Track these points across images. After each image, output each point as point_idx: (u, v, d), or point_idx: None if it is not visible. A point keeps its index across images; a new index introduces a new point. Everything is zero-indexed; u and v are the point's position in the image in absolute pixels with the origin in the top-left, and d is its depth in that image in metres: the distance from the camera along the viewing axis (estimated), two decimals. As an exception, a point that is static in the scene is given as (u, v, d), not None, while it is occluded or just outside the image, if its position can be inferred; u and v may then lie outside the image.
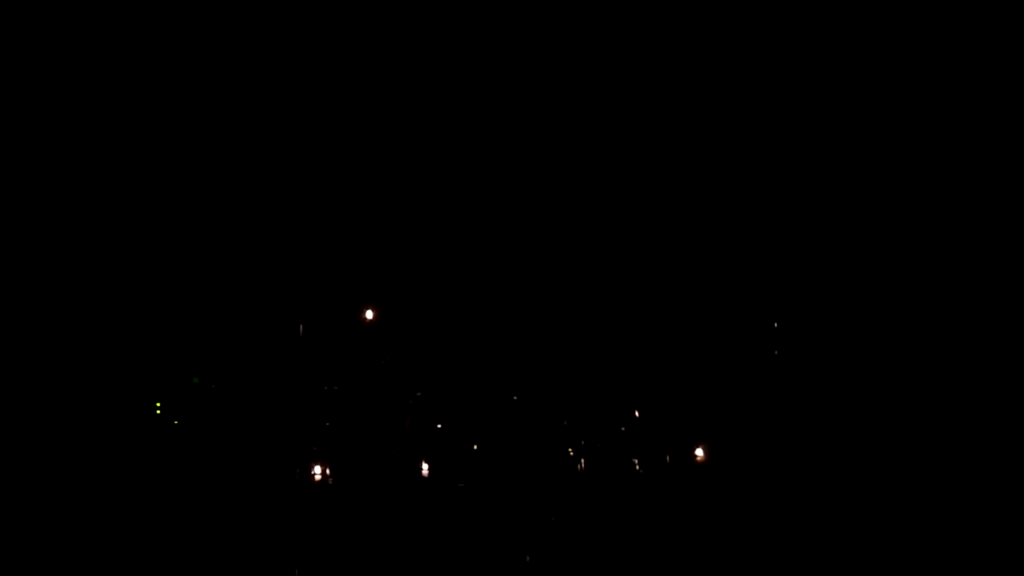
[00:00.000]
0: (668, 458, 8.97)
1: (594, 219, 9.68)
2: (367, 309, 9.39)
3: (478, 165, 9.62)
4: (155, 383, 8.79)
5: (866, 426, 8.91)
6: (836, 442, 8.92)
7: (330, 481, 8.88)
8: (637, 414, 9.05)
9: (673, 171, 9.54)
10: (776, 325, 9.04)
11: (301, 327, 9.07)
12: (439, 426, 9.06)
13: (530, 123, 9.51)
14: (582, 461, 8.99)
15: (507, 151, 9.57)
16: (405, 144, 9.52)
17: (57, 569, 7.91)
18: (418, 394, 9.10)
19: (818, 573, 7.99)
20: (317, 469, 8.89)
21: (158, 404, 8.78)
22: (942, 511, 8.23)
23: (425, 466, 8.99)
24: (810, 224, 9.28)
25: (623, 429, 9.04)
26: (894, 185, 9.05)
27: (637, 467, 8.92)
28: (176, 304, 9.07)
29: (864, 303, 9.09)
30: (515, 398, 9.16)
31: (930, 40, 8.67)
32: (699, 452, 9.13)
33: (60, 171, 8.85)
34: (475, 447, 9.03)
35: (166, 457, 8.73)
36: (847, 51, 8.94)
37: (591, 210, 9.68)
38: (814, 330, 9.22)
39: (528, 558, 8.40)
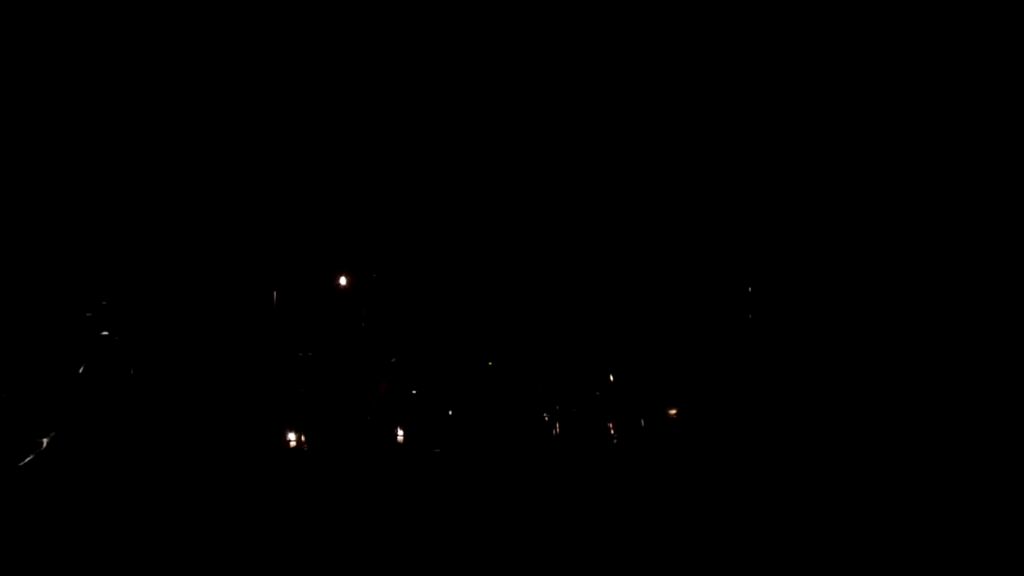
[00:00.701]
0: (642, 422, 9.00)
1: (569, 187, 9.69)
2: (341, 275, 9.39)
3: (452, 132, 9.61)
4: (129, 348, 8.78)
5: (836, 383, 8.95)
6: (807, 404, 8.96)
7: (305, 447, 8.89)
8: (611, 378, 9.08)
9: (643, 142, 9.56)
10: (749, 289, 9.07)
11: (275, 294, 9.07)
12: (414, 392, 9.07)
13: (505, 95, 9.51)
14: (557, 425, 9.02)
15: (482, 122, 9.57)
16: (378, 113, 9.52)
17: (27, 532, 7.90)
18: (393, 360, 9.11)
19: (791, 535, 8.01)
20: (292, 435, 8.90)
21: (131, 369, 8.78)
22: (915, 477, 8.27)
23: (400, 432, 9.00)
24: (778, 191, 9.31)
25: (597, 393, 9.06)
26: (878, 170, 9.08)
27: (611, 431, 8.95)
28: (150, 273, 9.06)
29: (832, 263, 9.12)
30: (490, 364, 9.18)
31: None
32: (672, 414, 9.17)
33: (40, 147, 8.83)
34: (450, 412, 9.05)
35: (141, 422, 8.72)
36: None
37: (566, 179, 9.69)
38: (785, 296, 9.25)
39: (504, 522, 8.42)
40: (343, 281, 9.36)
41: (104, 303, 7.25)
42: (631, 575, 7.75)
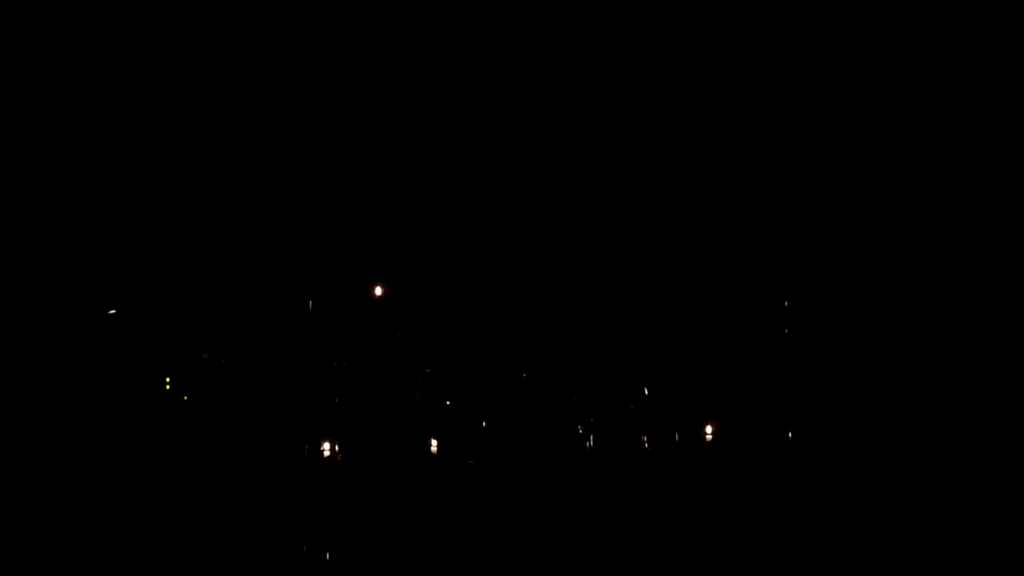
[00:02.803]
0: (676, 436, 8.94)
1: (605, 197, 9.64)
2: (377, 286, 9.39)
3: (488, 144, 9.58)
4: (165, 358, 8.83)
5: (872, 403, 8.86)
6: (843, 423, 8.88)
7: (339, 457, 8.90)
8: (646, 391, 9.02)
9: (681, 151, 9.48)
10: (786, 304, 8.99)
11: (311, 303, 9.08)
12: (448, 403, 9.06)
13: (539, 101, 9.48)
14: (591, 438, 8.98)
15: (517, 132, 9.53)
16: (414, 124, 9.50)
17: (67, 540, 7.96)
18: (427, 370, 9.10)
19: (822, 551, 7.94)
20: (326, 445, 8.91)
21: (168, 379, 8.82)
22: (950, 488, 8.18)
23: (434, 442, 9.00)
24: (816, 208, 9.22)
25: (632, 407, 9.01)
26: (891, 170, 8.99)
27: (645, 444, 8.90)
28: (187, 281, 9.10)
29: (870, 288, 9.03)
30: (524, 375, 9.15)
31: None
32: (707, 430, 9.10)
33: (66, 149, 8.87)
34: (484, 424, 9.03)
35: (176, 432, 8.77)
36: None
37: (602, 188, 9.63)
38: (822, 310, 9.16)
39: (536, 530, 8.40)
40: (378, 291, 9.36)
41: (140, 309, 7.29)
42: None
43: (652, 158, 9.61)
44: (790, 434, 8.81)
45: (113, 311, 5.79)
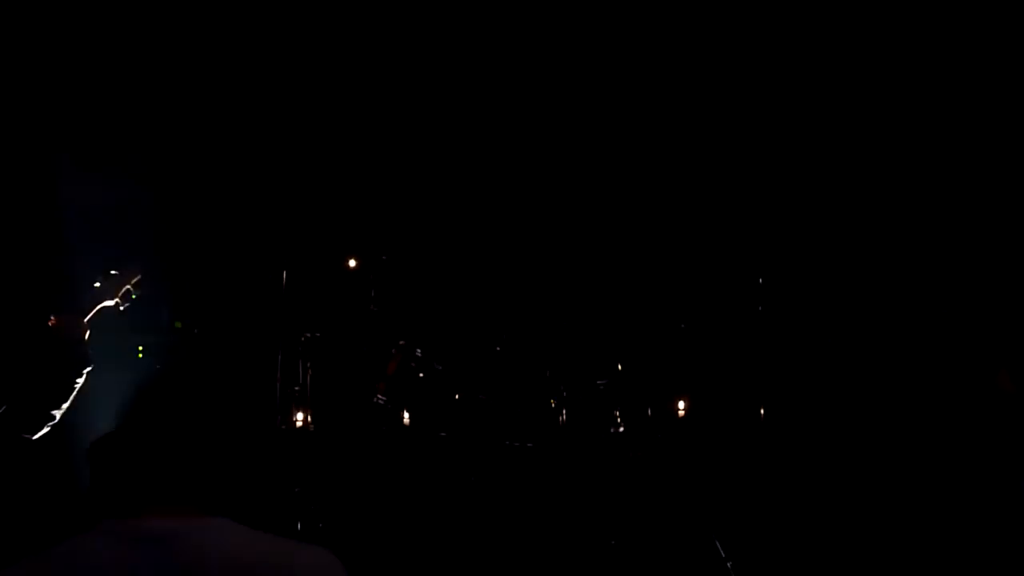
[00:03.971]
0: (649, 411, 8.98)
1: (581, 170, 9.65)
2: (351, 257, 9.37)
3: (464, 114, 9.56)
4: (136, 326, 8.77)
5: (853, 378, 8.93)
6: (821, 399, 8.95)
7: (311, 428, 8.89)
8: (619, 367, 9.05)
9: (659, 130, 9.50)
10: (760, 280, 9.03)
11: (284, 273, 9.04)
12: (421, 375, 9.06)
13: (515, 75, 9.45)
14: (564, 412, 9.00)
15: (493, 103, 9.51)
16: (388, 94, 9.47)
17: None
18: (401, 342, 9.08)
19: (803, 527, 8.02)
20: (299, 415, 8.90)
21: (140, 348, 8.77)
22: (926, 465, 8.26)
23: (406, 414, 9.00)
24: (791, 186, 9.27)
25: (605, 381, 9.04)
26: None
27: (618, 419, 8.93)
28: (158, 247, 9.04)
29: (847, 265, 9.08)
30: (498, 348, 9.16)
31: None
32: (680, 405, 9.16)
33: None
34: (457, 396, 9.03)
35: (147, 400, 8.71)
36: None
37: (579, 161, 9.64)
38: (797, 287, 9.22)
39: (507, 505, 8.44)
40: (352, 263, 9.34)
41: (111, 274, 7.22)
42: (635, 567, 7.77)
43: (629, 135, 9.62)
44: (762, 411, 8.86)
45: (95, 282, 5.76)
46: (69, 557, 2.67)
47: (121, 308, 4.71)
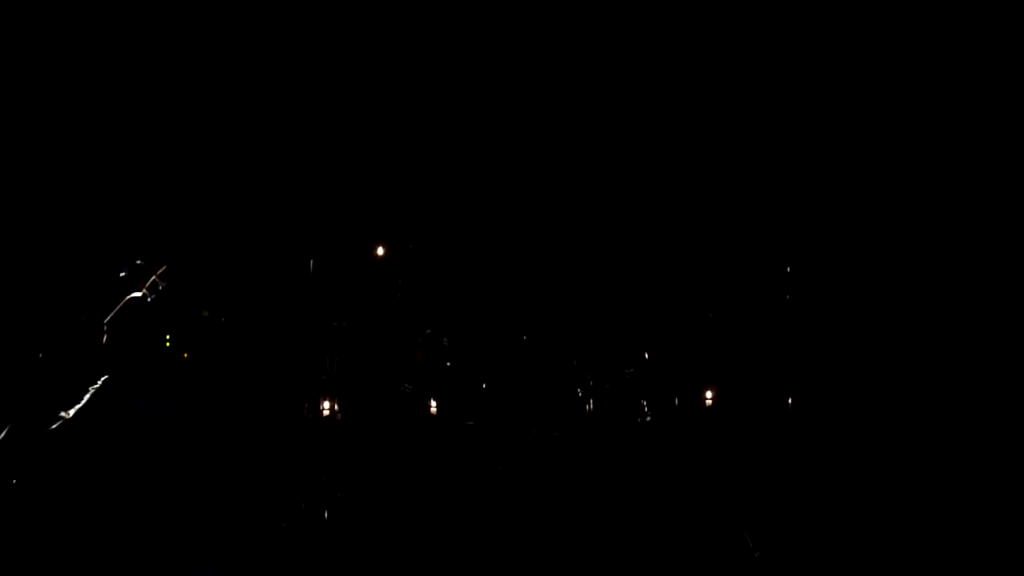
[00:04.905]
0: (677, 401, 8.96)
1: (607, 160, 9.61)
2: (378, 245, 9.37)
3: (491, 104, 9.54)
4: (164, 315, 8.80)
5: (875, 370, 8.88)
6: (847, 390, 8.90)
7: (338, 416, 8.91)
8: (647, 356, 9.03)
9: (676, 123, 9.46)
10: (788, 269, 8.98)
11: (312, 262, 9.06)
12: (448, 364, 9.06)
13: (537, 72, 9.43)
14: (591, 401, 8.99)
15: (520, 96, 9.49)
16: (416, 83, 9.46)
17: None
18: (428, 331, 9.09)
19: (824, 518, 7.97)
20: (326, 404, 8.92)
21: (167, 337, 8.80)
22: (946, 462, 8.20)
23: (433, 403, 9.01)
24: (819, 174, 9.21)
25: (632, 370, 9.02)
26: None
27: (645, 409, 8.91)
28: (187, 237, 9.08)
29: (874, 255, 9.02)
30: (524, 337, 9.15)
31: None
32: (708, 395, 9.12)
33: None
34: (484, 385, 9.04)
35: (175, 389, 8.75)
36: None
37: (607, 152, 9.61)
38: (825, 276, 9.16)
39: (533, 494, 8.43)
40: (380, 251, 9.34)
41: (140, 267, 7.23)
42: (659, 555, 7.74)
43: (649, 126, 9.59)
44: (790, 400, 8.82)
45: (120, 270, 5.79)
46: None
47: (149, 299, 4.73)
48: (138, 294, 4.51)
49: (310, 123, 9.30)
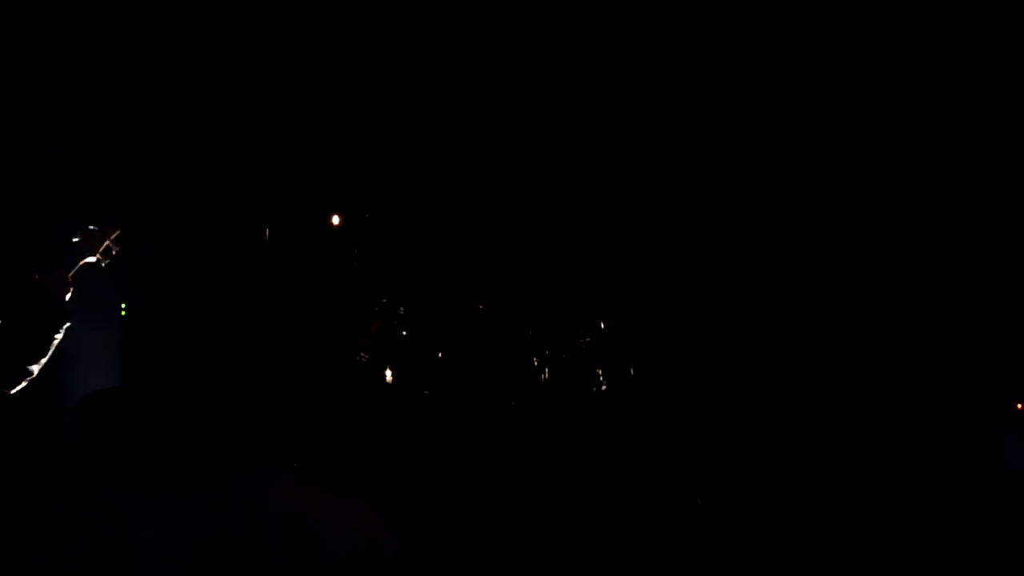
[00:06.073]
0: (632, 371, 9.01)
1: (566, 129, 9.61)
2: (333, 214, 9.34)
3: (449, 73, 9.51)
4: (121, 287, 8.72)
5: (841, 342, 8.96)
6: (807, 364, 8.97)
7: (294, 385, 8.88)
8: (602, 325, 9.07)
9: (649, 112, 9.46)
10: (747, 246, 9.04)
11: (267, 231, 9.01)
12: (404, 333, 9.06)
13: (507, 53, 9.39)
14: (546, 370, 9.03)
15: (476, 68, 9.45)
16: (376, 51, 9.40)
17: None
18: (384, 300, 9.08)
19: (787, 489, 8.06)
20: (280, 372, 8.88)
21: (123, 306, 8.73)
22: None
23: (389, 372, 9.01)
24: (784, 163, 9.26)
25: (588, 340, 9.06)
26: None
27: (600, 378, 8.96)
28: (139, 202, 8.99)
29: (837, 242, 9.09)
30: (480, 306, 9.17)
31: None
32: (662, 365, 9.19)
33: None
34: (440, 354, 9.05)
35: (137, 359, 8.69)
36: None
37: (564, 122, 9.61)
38: (785, 253, 9.23)
39: (489, 466, 8.47)
40: (335, 220, 9.31)
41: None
42: (615, 523, 7.81)
43: (618, 112, 9.59)
44: (753, 373, 8.89)
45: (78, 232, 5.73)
46: (104, 507, 2.66)
47: (103, 264, 4.69)
48: (92, 259, 4.46)
49: (265, 90, 9.23)
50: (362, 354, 8.94)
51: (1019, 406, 8.11)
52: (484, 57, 9.44)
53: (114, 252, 4.73)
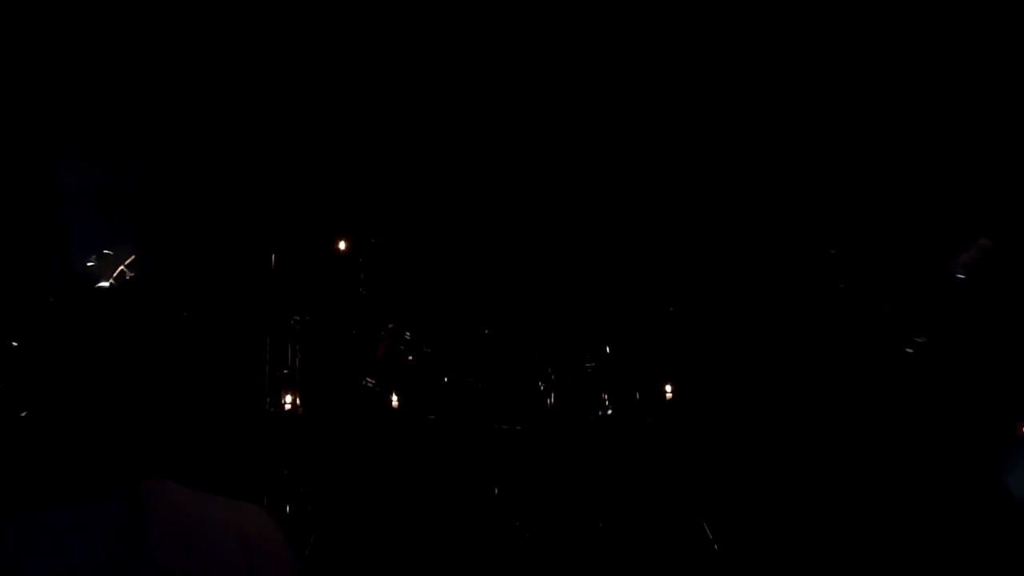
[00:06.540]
0: (637, 395, 9.00)
1: (569, 154, 9.64)
2: (340, 239, 9.35)
3: (455, 99, 9.54)
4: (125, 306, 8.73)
5: (840, 363, 8.94)
6: (811, 386, 8.96)
7: (300, 411, 8.89)
8: (608, 350, 9.07)
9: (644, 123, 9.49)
10: (749, 265, 9.04)
11: (273, 256, 9.03)
12: (410, 358, 9.06)
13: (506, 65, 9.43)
14: (552, 395, 9.02)
15: (485, 91, 9.49)
16: (381, 76, 9.44)
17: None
18: (390, 325, 9.09)
19: (790, 510, 8.04)
20: (287, 398, 8.90)
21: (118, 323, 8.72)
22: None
23: (395, 397, 9.01)
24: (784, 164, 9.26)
25: (593, 364, 9.05)
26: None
27: (606, 402, 8.95)
28: (146, 229, 9.01)
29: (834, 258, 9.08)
30: (486, 331, 9.17)
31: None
32: (668, 389, 9.17)
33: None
34: (445, 379, 9.05)
35: (135, 382, 8.69)
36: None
37: (566, 146, 9.63)
38: (786, 274, 9.23)
39: (496, 489, 8.47)
40: (341, 245, 9.32)
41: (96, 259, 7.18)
42: (623, 550, 7.79)
43: (615, 123, 9.61)
44: (756, 401, 8.88)
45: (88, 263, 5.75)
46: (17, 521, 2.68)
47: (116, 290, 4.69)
48: (105, 284, 4.46)
49: (272, 113, 9.27)
50: (368, 379, 8.94)
51: (1023, 429, 8.08)
52: (492, 85, 9.48)
53: (128, 277, 4.74)
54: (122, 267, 4.68)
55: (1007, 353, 7.69)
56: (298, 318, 8.92)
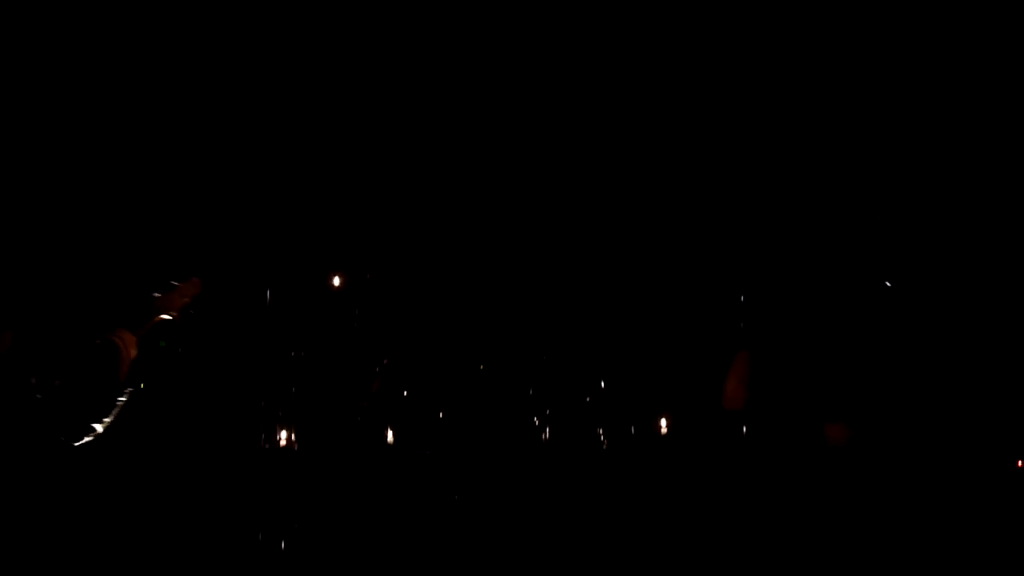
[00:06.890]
0: (633, 429, 9.01)
1: (563, 185, 9.66)
2: (335, 275, 9.36)
3: (447, 132, 9.57)
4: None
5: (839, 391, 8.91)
6: (804, 417, 8.94)
7: (295, 447, 8.89)
8: (602, 384, 9.08)
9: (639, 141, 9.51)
10: (742, 299, 9.04)
11: (268, 292, 9.04)
12: (405, 393, 9.07)
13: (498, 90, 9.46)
14: (547, 430, 9.03)
15: (475, 120, 9.51)
16: (372, 110, 9.47)
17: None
18: (385, 361, 9.10)
19: (786, 543, 8.00)
20: (283, 434, 8.89)
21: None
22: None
23: (390, 432, 9.01)
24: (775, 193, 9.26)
25: (588, 400, 9.07)
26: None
27: (601, 438, 8.96)
28: (140, 265, 9.01)
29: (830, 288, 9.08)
30: (481, 367, 9.18)
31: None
32: (663, 424, 9.17)
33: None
34: (441, 415, 9.05)
35: (129, 420, 8.68)
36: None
37: (560, 177, 9.66)
38: (780, 306, 9.21)
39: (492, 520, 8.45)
40: (336, 281, 9.34)
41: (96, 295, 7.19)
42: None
43: (606, 145, 9.62)
44: (744, 429, 8.86)
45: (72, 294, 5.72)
46: None
47: (178, 324, 4.63)
48: (168, 317, 4.40)
49: (265, 148, 9.28)
50: (362, 416, 8.96)
51: (1020, 463, 8.06)
52: (484, 121, 9.51)
53: (190, 312, 4.65)
54: (186, 299, 4.60)
55: (1008, 353, 7.69)
56: (293, 354, 8.93)
